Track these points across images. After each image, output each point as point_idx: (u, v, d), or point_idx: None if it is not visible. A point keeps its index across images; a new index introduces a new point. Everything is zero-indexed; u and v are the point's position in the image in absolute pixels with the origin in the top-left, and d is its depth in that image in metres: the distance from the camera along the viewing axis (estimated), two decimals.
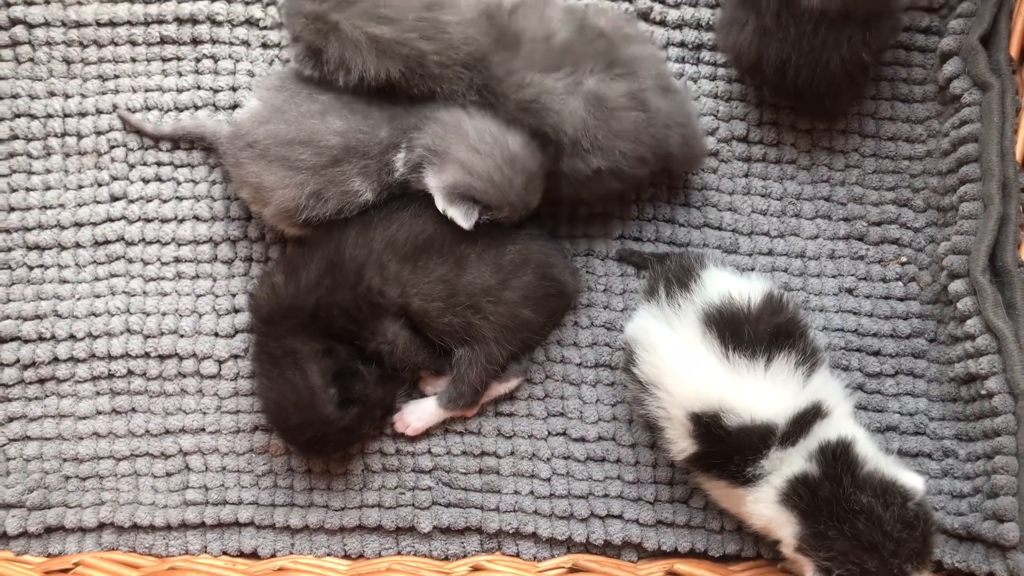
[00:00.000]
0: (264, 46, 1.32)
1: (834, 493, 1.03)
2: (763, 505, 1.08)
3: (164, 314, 1.28)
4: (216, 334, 1.28)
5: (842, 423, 1.11)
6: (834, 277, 1.30)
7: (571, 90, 1.13)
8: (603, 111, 1.13)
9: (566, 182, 1.19)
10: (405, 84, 1.15)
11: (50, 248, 1.29)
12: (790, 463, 1.07)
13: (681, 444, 1.12)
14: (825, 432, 1.09)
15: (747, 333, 1.09)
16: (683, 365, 1.11)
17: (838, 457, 1.06)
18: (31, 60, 1.31)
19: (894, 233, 1.31)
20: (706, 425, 1.08)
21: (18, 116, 1.30)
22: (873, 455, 1.09)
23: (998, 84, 1.21)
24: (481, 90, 1.15)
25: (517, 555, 1.25)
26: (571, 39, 1.14)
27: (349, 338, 1.18)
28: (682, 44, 1.32)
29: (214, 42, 1.32)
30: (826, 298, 1.30)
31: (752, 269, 1.29)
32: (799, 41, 1.18)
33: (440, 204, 1.15)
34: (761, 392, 1.07)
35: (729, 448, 1.08)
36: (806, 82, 1.21)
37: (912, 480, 1.06)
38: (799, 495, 1.05)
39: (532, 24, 1.15)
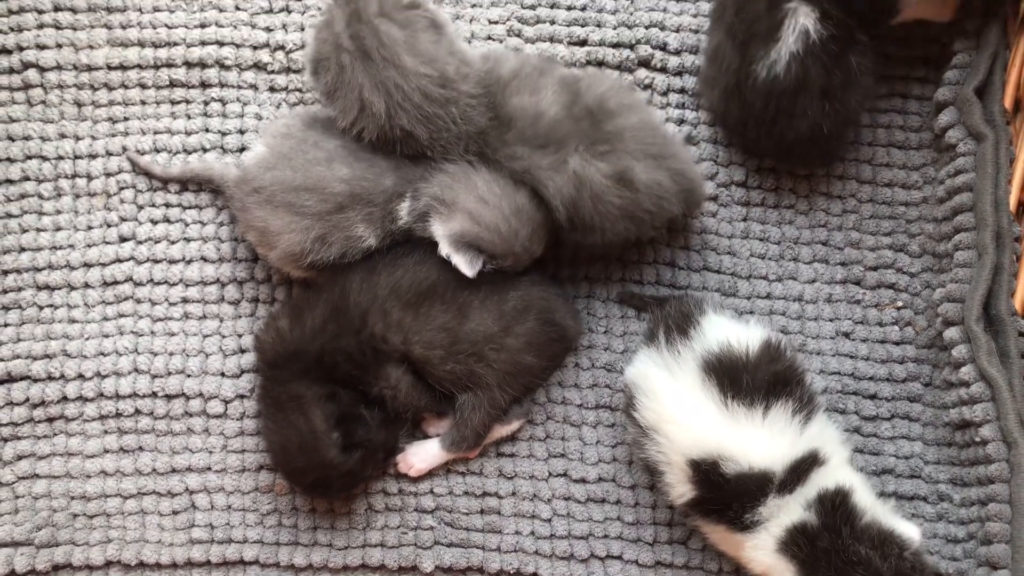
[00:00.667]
0: (272, 90, 1.34)
1: (833, 544, 1.05)
2: (762, 552, 1.10)
3: (171, 354, 1.30)
4: (222, 374, 1.30)
5: (840, 471, 1.13)
6: (831, 321, 1.32)
7: (556, 167, 1.16)
8: (589, 192, 1.15)
9: (569, 243, 1.23)
10: (399, 147, 1.17)
11: (60, 288, 1.31)
12: (788, 511, 1.09)
13: (680, 489, 1.14)
14: (823, 480, 1.10)
15: (745, 381, 1.11)
16: (682, 412, 1.13)
17: (837, 507, 1.08)
18: (43, 103, 1.33)
19: (890, 278, 1.33)
20: (705, 472, 1.10)
21: (30, 158, 1.33)
22: (871, 504, 1.11)
23: (992, 135, 1.23)
24: (477, 155, 1.18)
25: None
26: (558, 118, 1.16)
27: (352, 382, 1.20)
28: (682, 91, 1.35)
29: (222, 86, 1.34)
30: (823, 341, 1.32)
31: (750, 312, 1.31)
32: (754, 108, 1.23)
33: (444, 251, 1.17)
34: (759, 440, 1.09)
35: (727, 495, 1.10)
36: (766, 147, 1.27)
37: (909, 530, 1.08)
38: (798, 545, 1.07)
39: (525, 101, 1.17)
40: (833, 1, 1.17)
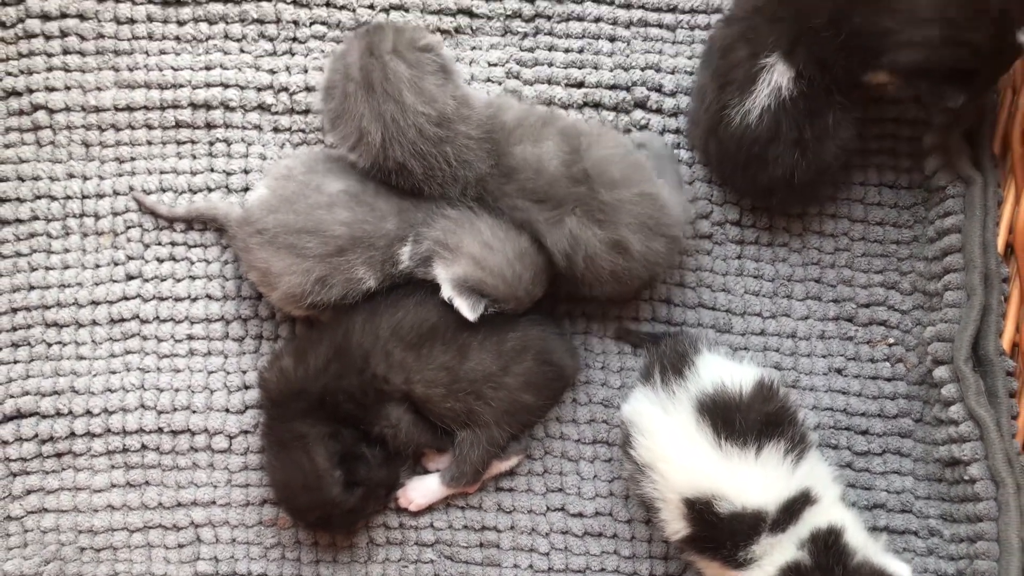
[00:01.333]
0: (275, 130, 1.37)
1: None
2: None
3: (177, 390, 1.33)
4: (227, 410, 1.32)
5: (832, 509, 1.15)
6: (824, 357, 1.35)
7: (554, 222, 1.19)
8: (583, 253, 1.19)
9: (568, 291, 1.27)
10: (394, 178, 1.20)
11: (68, 326, 1.34)
12: (782, 550, 1.11)
13: (675, 525, 1.17)
14: (816, 519, 1.13)
15: (738, 422, 1.13)
16: (677, 451, 1.15)
17: (829, 547, 1.10)
18: (52, 144, 1.36)
19: (882, 315, 1.35)
20: (699, 510, 1.13)
21: (39, 197, 1.35)
22: (863, 542, 1.13)
23: (980, 179, 1.26)
24: (477, 200, 1.21)
25: None
26: (557, 176, 1.18)
27: (354, 421, 1.23)
28: (677, 131, 1.37)
29: (227, 126, 1.37)
30: (816, 377, 1.34)
31: (745, 349, 1.34)
32: (729, 150, 1.27)
33: (447, 294, 1.19)
34: (752, 479, 1.12)
35: (721, 533, 1.13)
36: (743, 188, 1.32)
37: (899, 569, 1.10)
38: None
39: (527, 151, 1.19)
40: (811, 62, 1.20)
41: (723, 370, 1.19)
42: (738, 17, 1.27)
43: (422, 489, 1.29)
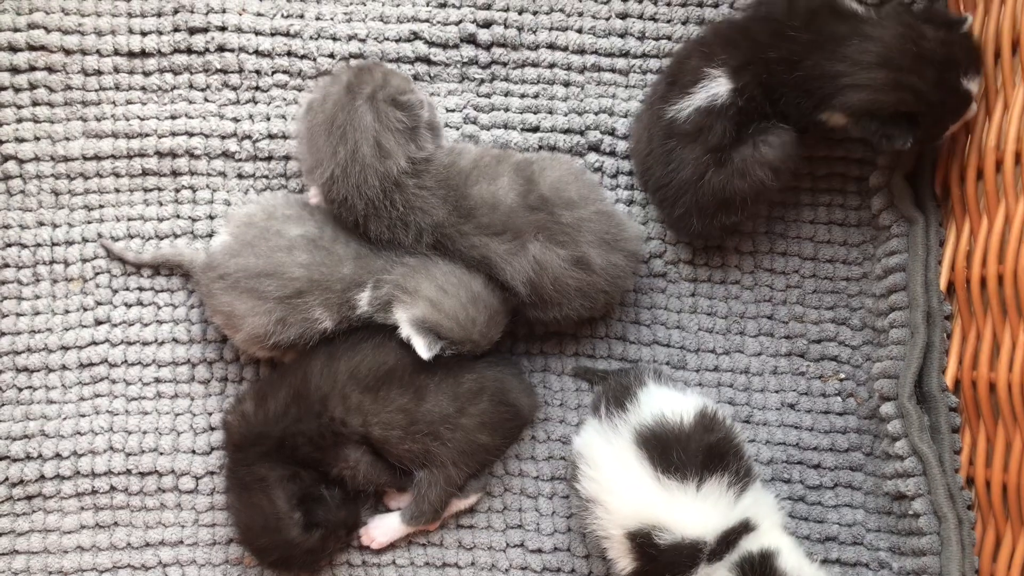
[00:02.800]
0: (240, 176, 1.40)
1: None
2: None
3: (145, 432, 1.36)
4: (193, 451, 1.36)
5: (768, 535, 1.17)
6: (776, 392, 1.38)
7: (515, 252, 1.23)
8: (549, 275, 1.23)
9: (530, 319, 1.29)
10: (338, 210, 1.25)
11: (38, 370, 1.37)
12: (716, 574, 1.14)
13: (622, 562, 1.19)
14: (750, 545, 1.15)
15: (676, 455, 1.15)
16: (619, 483, 1.18)
17: (756, 570, 1.12)
18: (22, 192, 1.39)
19: (833, 351, 1.39)
20: (640, 543, 1.15)
21: (9, 245, 1.39)
22: (797, 567, 1.14)
23: (922, 219, 1.29)
24: (433, 247, 1.24)
25: None
26: (514, 207, 1.23)
27: (314, 464, 1.26)
28: (630, 173, 1.41)
29: (192, 174, 1.40)
30: (769, 412, 1.37)
31: (699, 384, 1.37)
32: (654, 142, 1.32)
33: (405, 333, 1.22)
34: (692, 510, 1.14)
35: (661, 565, 1.15)
36: (657, 190, 1.35)
37: None
38: None
39: (483, 190, 1.24)
40: (755, 84, 1.24)
41: (664, 401, 1.21)
42: (701, 37, 1.35)
43: (383, 527, 1.32)
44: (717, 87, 1.25)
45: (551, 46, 1.41)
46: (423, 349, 1.22)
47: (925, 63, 1.18)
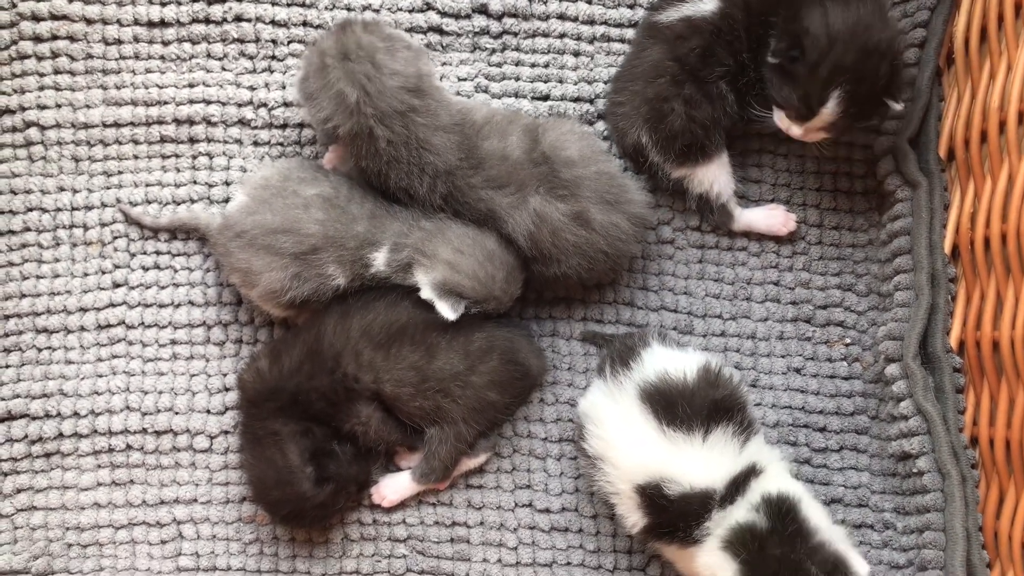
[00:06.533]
0: (255, 144, 1.43)
1: (784, 553, 1.09)
2: (708, 554, 1.15)
3: (160, 392, 1.39)
4: (208, 411, 1.38)
5: (780, 479, 1.18)
6: (783, 357, 1.40)
7: (516, 205, 1.25)
8: (548, 227, 1.25)
9: (536, 279, 1.31)
10: (363, 147, 1.25)
11: (57, 331, 1.40)
12: (734, 515, 1.14)
13: (632, 518, 1.20)
14: (764, 486, 1.16)
15: (681, 408, 1.17)
16: (625, 439, 1.20)
17: (784, 514, 1.12)
18: (43, 159, 1.43)
19: (839, 316, 1.40)
20: (650, 496, 1.17)
21: (30, 210, 1.42)
22: (823, 524, 1.14)
23: (926, 183, 1.31)
24: (445, 197, 1.26)
25: None
26: (520, 160, 1.26)
27: (326, 419, 1.28)
28: None
29: (209, 141, 1.43)
30: (775, 377, 1.39)
31: (706, 350, 1.39)
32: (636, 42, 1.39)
33: (427, 295, 1.25)
34: (699, 461, 1.16)
35: (673, 516, 1.16)
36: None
37: (859, 564, 1.10)
38: (743, 543, 1.11)
39: (494, 144, 1.27)
40: (742, 13, 1.27)
41: (667, 360, 1.23)
42: None
43: (394, 486, 1.34)
44: (706, 2, 1.28)
45: (561, 16, 1.44)
46: (448, 311, 1.23)
47: None
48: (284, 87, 1.43)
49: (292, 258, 1.26)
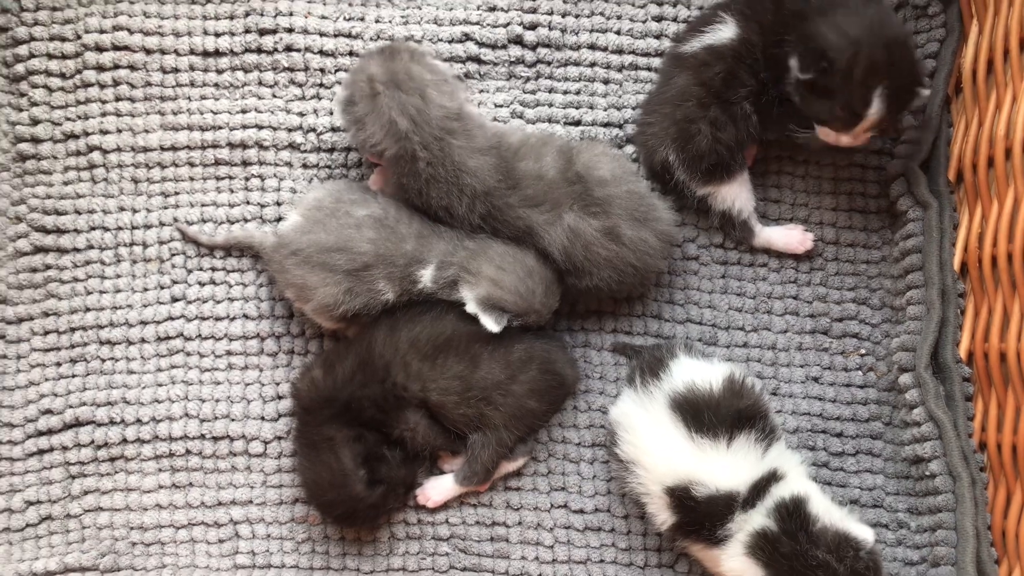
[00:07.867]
0: (304, 167, 1.52)
1: (793, 549, 1.18)
2: (734, 559, 1.24)
3: (217, 400, 1.47)
4: (262, 418, 1.47)
5: (797, 482, 1.27)
6: (801, 367, 1.49)
7: (552, 222, 1.35)
8: (581, 242, 1.35)
9: (570, 291, 1.41)
10: (406, 167, 1.34)
11: (120, 343, 1.49)
12: (753, 522, 1.23)
13: (662, 516, 1.30)
14: (781, 492, 1.25)
15: (707, 417, 1.26)
16: (656, 445, 1.29)
17: (792, 513, 1.21)
18: (105, 180, 1.52)
19: (854, 328, 1.49)
20: (679, 497, 1.26)
21: (93, 229, 1.51)
22: (825, 510, 1.23)
23: (936, 204, 1.40)
24: (484, 217, 1.35)
25: None
26: (555, 180, 1.36)
27: (377, 425, 1.37)
28: None
29: (261, 164, 1.52)
30: (794, 385, 1.48)
31: (729, 360, 1.47)
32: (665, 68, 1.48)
33: (472, 310, 1.34)
34: (724, 465, 1.25)
35: (700, 515, 1.25)
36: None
37: (863, 532, 1.20)
38: (761, 548, 1.21)
39: (530, 166, 1.36)
40: (760, 37, 1.36)
41: (694, 370, 1.32)
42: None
43: (438, 488, 1.43)
44: (725, 30, 1.37)
45: (592, 46, 1.53)
46: (492, 324, 1.33)
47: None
48: (331, 113, 1.52)
49: (345, 274, 1.35)
